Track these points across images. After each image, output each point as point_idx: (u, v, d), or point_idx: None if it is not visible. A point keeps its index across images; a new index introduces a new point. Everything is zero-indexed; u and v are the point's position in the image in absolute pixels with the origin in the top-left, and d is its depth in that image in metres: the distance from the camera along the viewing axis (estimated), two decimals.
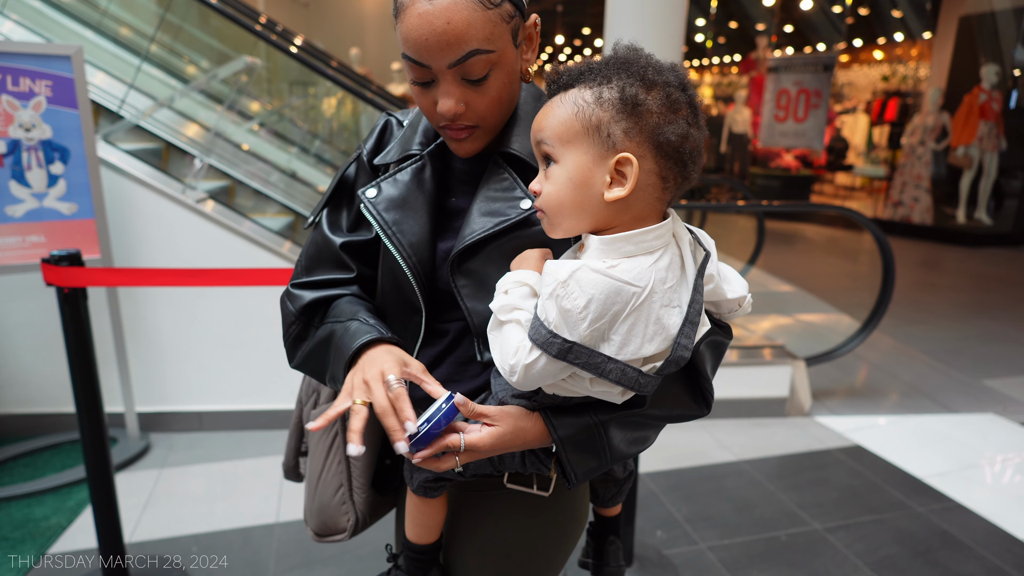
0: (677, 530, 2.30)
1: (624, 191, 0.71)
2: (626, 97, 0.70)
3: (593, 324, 0.68)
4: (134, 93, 3.19)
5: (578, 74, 0.74)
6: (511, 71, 0.82)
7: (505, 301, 0.75)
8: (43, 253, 2.40)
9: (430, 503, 0.93)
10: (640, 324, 0.70)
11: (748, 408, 3.20)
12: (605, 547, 1.21)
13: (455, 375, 0.92)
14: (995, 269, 6.82)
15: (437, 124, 0.85)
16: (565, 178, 0.73)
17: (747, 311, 0.84)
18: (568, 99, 0.73)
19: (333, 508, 1.04)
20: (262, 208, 3.58)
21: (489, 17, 0.75)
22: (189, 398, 2.90)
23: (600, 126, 0.71)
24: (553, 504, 0.95)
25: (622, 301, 0.68)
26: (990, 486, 2.64)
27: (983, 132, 7.95)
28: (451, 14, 0.74)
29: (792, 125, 9.80)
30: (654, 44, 3.48)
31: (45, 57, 2.36)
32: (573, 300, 0.67)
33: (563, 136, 0.72)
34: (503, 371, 0.74)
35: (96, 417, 1.78)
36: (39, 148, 2.39)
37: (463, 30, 0.74)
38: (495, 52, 0.77)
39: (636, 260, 0.70)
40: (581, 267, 0.68)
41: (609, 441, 0.79)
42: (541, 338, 0.69)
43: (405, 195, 0.89)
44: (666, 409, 0.80)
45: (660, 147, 0.71)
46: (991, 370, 3.90)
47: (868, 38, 12.11)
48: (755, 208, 5.53)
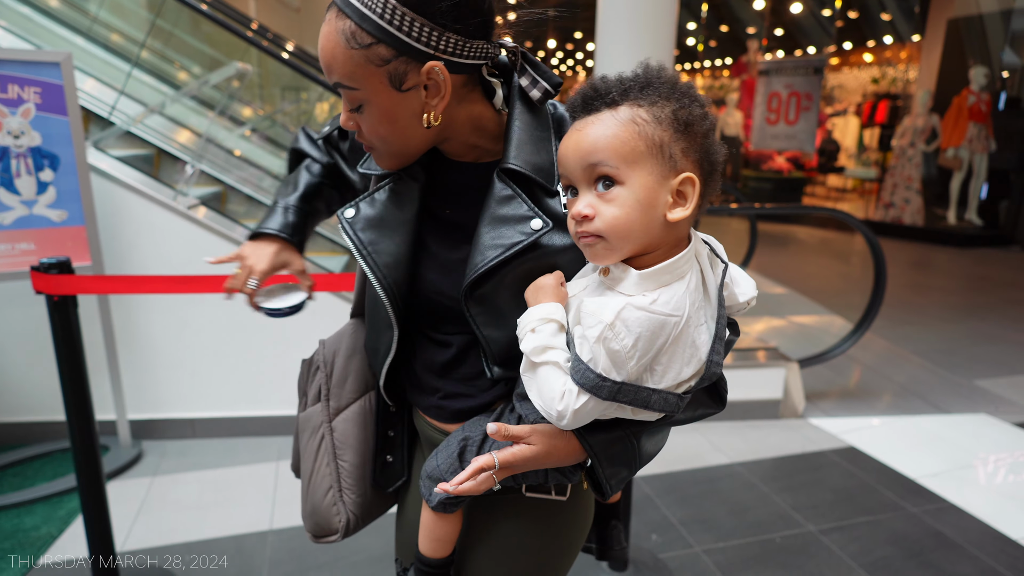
0: (672, 533, 2.29)
1: (687, 211, 0.71)
2: (680, 117, 0.71)
3: (640, 360, 0.68)
4: (125, 99, 3.17)
5: (624, 90, 0.73)
6: (387, 112, 0.79)
7: (537, 342, 0.74)
8: (33, 260, 2.38)
9: (447, 518, 0.92)
10: (679, 351, 0.71)
11: (742, 410, 3.21)
12: (608, 531, 1.23)
13: (465, 390, 0.92)
14: (986, 269, 6.87)
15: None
16: (634, 200, 0.70)
17: (752, 304, 0.85)
18: (623, 117, 0.71)
19: (324, 509, 1.05)
20: (254, 214, 3.56)
21: (351, 56, 0.76)
22: (181, 405, 2.88)
23: (663, 145, 0.70)
24: (565, 509, 0.95)
25: (665, 334, 0.69)
26: (983, 486, 2.65)
27: (972, 134, 8.02)
28: (324, 41, 0.77)
29: (783, 128, 9.86)
30: (645, 47, 3.49)
31: (34, 64, 2.35)
32: (621, 341, 0.67)
33: (627, 156, 0.70)
34: (549, 417, 0.73)
35: (87, 425, 1.76)
36: (28, 155, 2.38)
37: (328, 61, 0.78)
38: (359, 90, 0.78)
39: (672, 288, 0.70)
40: (625, 306, 0.68)
41: (640, 451, 0.81)
42: (590, 383, 0.69)
43: (383, 215, 0.89)
44: (690, 411, 0.82)
45: (708, 166, 0.73)
46: (983, 370, 3.92)
47: (858, 41, 12.21)
48: (747, 211, 5.55)
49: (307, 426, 1.08)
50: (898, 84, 11.49)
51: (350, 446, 1.05)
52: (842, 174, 12.41)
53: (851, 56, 12.73)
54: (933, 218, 8.51)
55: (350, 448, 1.05)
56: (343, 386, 1.06)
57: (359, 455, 1.05)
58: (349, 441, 1.05)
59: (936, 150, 8.37)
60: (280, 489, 2.53)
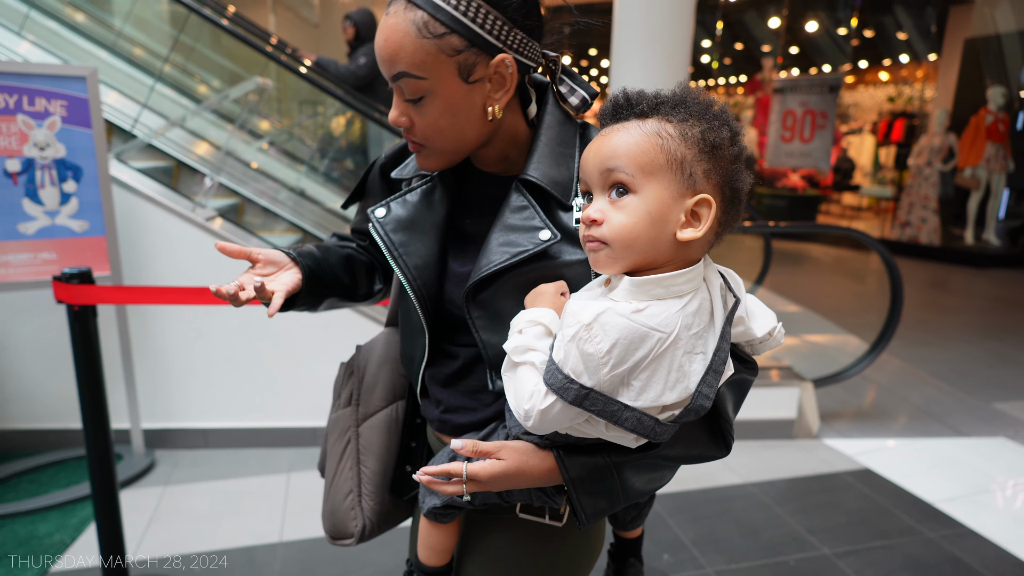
0: (684, 554, 2.27)
1: (698, 233, 0.69)
2: (707, 138, 0.70)
3: (614, 370, 0.66)
4: (147, 112, 3.24)
5: (655, 104, 0.72)
6: (452, 103, 0.79)
7: (519, 342, 0.73)
8: (55, 270, 2.43)
9: (441, 528, 0.92)
10: (662, 371, 0.67)
11: (755, 430, 3.18)
12: (626, 570, 1.20)
13: (468, 403, 0.92)
14: (1004, 290, 6.77)
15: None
16: (644, 211, 0.69)
17: (780, 341, 0.81)
18: (649, 128, 0.70)
19: (343, 512, 1.05)
20: (270, 226, 3.60)
21: (422, 45, 0.76)
22: (195, 415, 2.90)
23: (684, 163, 0.69)
24: (564, 534, 0.94)
25: (646, 347, 0.66)
26: (1001, 511, 2.60)
27: (990, 153, 7.95)
28: (389, 32, 0.77)
29: (798, 145, 9.82)
30: (660, 64, 3.51)
31: (61, 78, 2.41)
32: (596, 344, 0.65)
33: (645, 167, 0.69)
34: (518, 415, 0.72)
35: (102, 434, 1.78)
36: (52, 167, 2.42)
37: (394, 51, 0.76)
38: (427, 80, 0.77)
39: (664, 304, 0.68)
40: (607, 310, 0.66)
41: (623, 483, 0.77)
42: (557, 383, 0.67)
43: (413, 216, 0.89)
44: (683, 450, 0.78)
45: (730, 193, 0.72)
46: (1001, 393, 3.85)
47: (873, 59, 12.18)
48: (762, 229, 5.52)
49: (336, 428, 1.10)
50: (914, 103, 11.44)
51: (373, 453, 1.06)
52: (857, 192, 12.34)
53: (867, 74, 12.70)
54: (950, 238, 8.42)
55: (373, 455, 1.06)
56: (372, 392, 1.08)
57: (381, 462, 1.06)
58: (373, 448, 1.06)
59: (953, 169, 8.30)
60: (291, 501, 2.53)
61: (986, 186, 8.12)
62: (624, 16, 3.54)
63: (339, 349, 1.29)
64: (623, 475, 0.76)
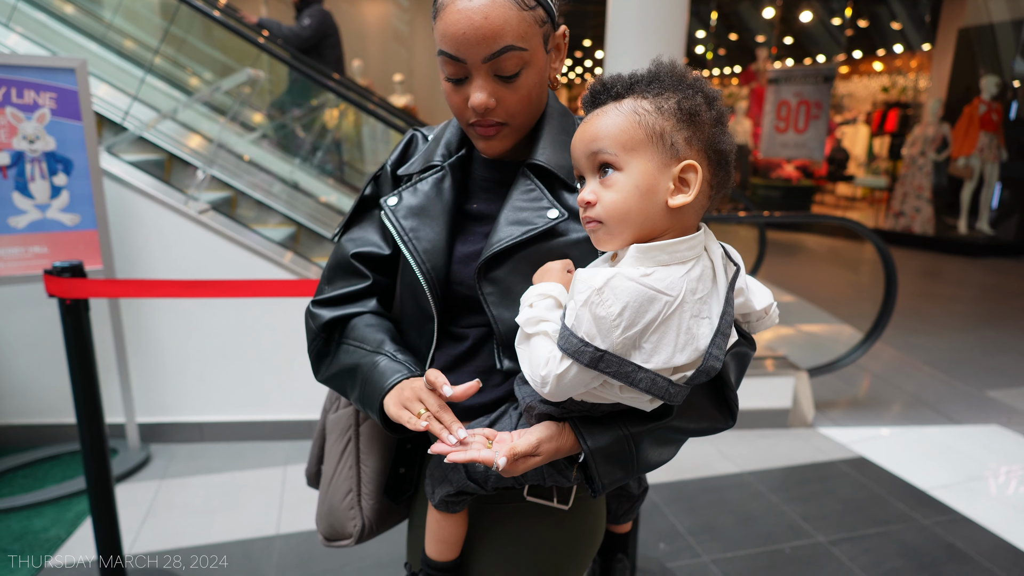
0: (680, 543, 2.28)
1: (688, 198, 0.72)
2: (684, 107, 0.73)
3: (626, 332, 0.68)
4: (138, 105, 3.21)
5: (630, 84, 0.76)
6: (541, 73, 0.85)
7: (531, 314, 0.76)
8: (46, 264, 2.41)
9: (451, 519, 0.92)
10: (671, 333, 0.70)
11: (751, 419, 3.19)
12: (612, 564, 1.21)
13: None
14: (997, 279, 6.81)
15: (467, 121, 0.87)
16: (632, 186, 0.73)
17: (774, 321, 0.85)
18: (625, 108, 0.74)
19: (341, 512, 1.05)
20: (264, 219, 3.59)
21: (523, 17, 0.79)
22: (190, 409, 2.90)
23: (664, 134, 0.72)
24: (572, 520, 0.95)
25: (655, 310, 0.68)
26: (995, 498, 2.62)
27: (983, 143, 7.97)
28: (489, 10, 0.78)
29: (793, 136, 9.82)
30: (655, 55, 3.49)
31: (50, 70, 2.38)
32: (608, 307, 0.68)
33: (626, 144, 0.73)
34: (534, 383, 0.74)
35: (97, 428, 1.77)
36: (42, 159, 2.40)
37: (499, 26, 0.78)
38: (528, 51, 0.81)
39: (670, 269, 0.71)
40: (616, 275, 0.68)
41: (638, 452, 0.80)
42: (572, 347, 0.69)
43: (424, 203, 0.92)
44: (693, 421, 0.81)
45: (715, 155, 0.75)
46: (995, 381, 3.88)
47: (868, 50, 12.17)
48: (756, 219, 5.53)
49: (336, 428, 1.09)
50: (908, 93, 11.44)
51: (374, 452, 1.06)
52: (852, 183, 12.35)
53: (861, 65, 12.69)
54: (944, 227, 8.45)
55: (374, 454, 1.06)
56: None
57: (382, 461, 1.06)
58: (374, 447, 1.06)
59: (947, 159, 8.32)
60: (287, 494, 2.53)
61: (979, 175, 8.14)
62: (618, 6, 3.52)
63: None
64: (638, 444, 0.79)
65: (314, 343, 0.98)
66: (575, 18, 15.00)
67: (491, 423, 0.89)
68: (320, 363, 0.99)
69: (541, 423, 0.80)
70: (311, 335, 0.99)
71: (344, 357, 0.95)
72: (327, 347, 0.98)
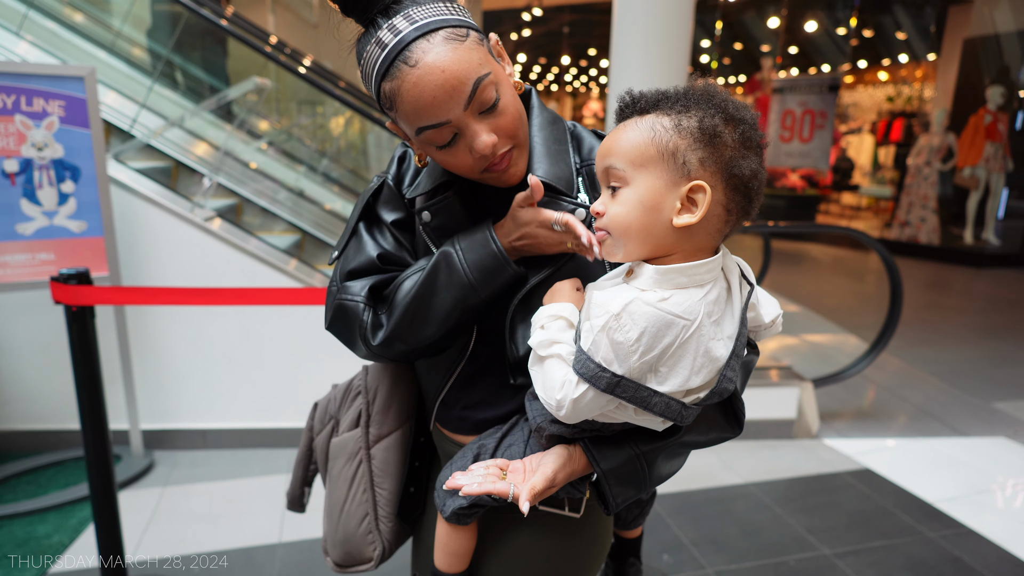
0: (684, 554, 2.26)
1: (694, 218, 0.71)
2: (705, 127, 0.71)
3: (643, 357, 0.68)
4: (145, 112, 3.23)
5: (656, 101, 0.74)
6: (509, 85, 0.84)
7: (544, 336, 0.76)
8: (52, 271, 2.42)
9: (461, 531, 0.91)
10: (687, 357, 0.70)
11: (755, 430, 3.17)
12: (626, 570, 1.21)
13: (489, 398, 0.93)
14: (1003, 290, 6.77)
15: (478, 170, 0.84)
16: (636, 200, 0.72)
17: (778, 329, 0.85)
18: (645, 124, 0.73)
19: (359, 538, 1.04)
20: (269, 226, 3.60)
21: (468, 47, 0.78)
22: (193, 416, 2.90)
23: (676, 152, 0.71)
24: (582, 528, 0.95)
25: (672, 334, 0.68)
26: (1001, 511, 2.59)
27: (989, 153, 7.95)
28: (440, 63, 0.76)
29: (797, 145, 9.82)
30: (659, 64, 3.51)
31: (59, 78, 2.40)
32: (626, 333, 0.68)
33: (636, 160, 0.72)
34: (549, 406, 0.74)
35: (101, 435, 1.77)
36: (51, 167, 2.42)
37: (457, 69, 0.76)
38: (491, 72, 0.79)
39: (688, 292, 0.70)
40: (634, 299, 0.68)
41: (650, 471, 0.80)
42: (589, 372, 0.69)
43: (447, 224, 0.90)
44: (703, 434, 0.81)
45: (732, 179, 0.72)
46: (1001, 393, 3.85)
47: (873, 59, 12.18)
48: (761, 229, 5.52)
49: (341, 453, 1.06)
50: (914, 103, 11.44)
51: (390, 474, 1.04)
52: (856, 192, 12.33)
53: (866, 74, 12.70)
54: (949, 237, 8.42)
55: (390, 476, 1.04)
56: (387, 413, 1.05)
57: (398, 483, 1.05)
58: (389, 469, 1.05)
59: (952, 169, 8.30)
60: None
61: (985, 186, 8.12)
62: (623, 15, 3.53)
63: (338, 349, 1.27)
64: (650, 463, 0.80)
65: (364, 315, 0.88)
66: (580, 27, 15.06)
67: (503, 436, 0.89)
68: (376, 330, 0.89)
69: (553, 449, 0.80)
70: (357, 310, 0.89)
71: (410, 284, 0.87)
72: (377, 316, 0.89)
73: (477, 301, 0.85)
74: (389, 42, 0.77)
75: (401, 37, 0.76)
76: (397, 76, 0.76)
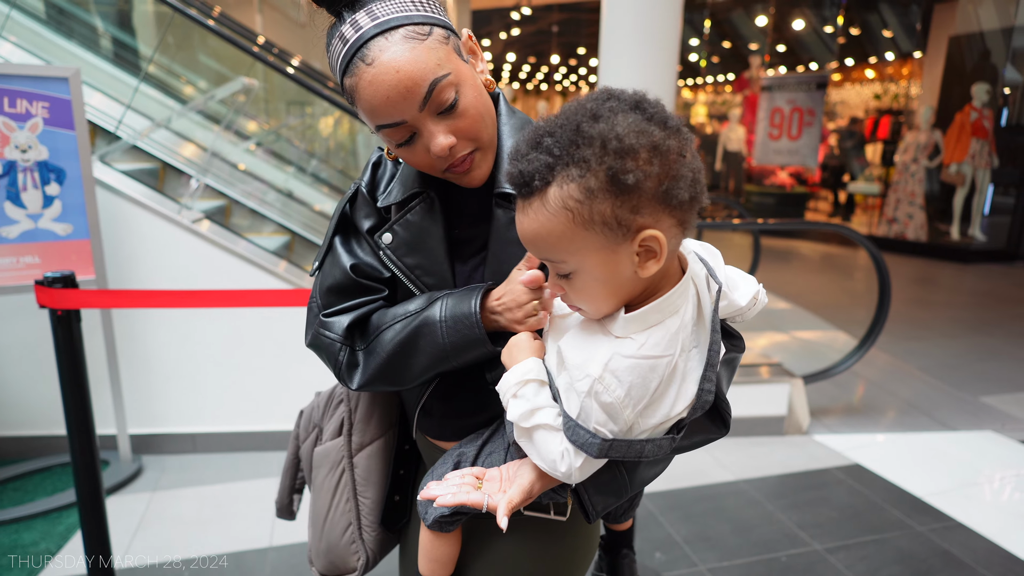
0: (676, 552, 2.27)
1: (660, 263, 0.66)
2: (617, 176, 0.61)
3: (637, 406, 0.67)
4: (131, 114, 3.20)
5: (547, 168, 0.64)
6: (474, 86, 0.81)
7: (522, 408, 0.73)
8: (37, 274, 2.39)
9: (444, 538, 0.90)
10: (673, 386, 0.69)
11: (746, 427, 3.19)
12: (619, 561, 1.20)
13: (469, 403, 0.92)
14: (989, 285, 6.84)
15: (439, 170, 0.83)
16: (592, 280, 0.67)
17: (764, 302, 0.82)
18: (553, 206, 0.64)
19: (342, 548, 1.03)
20: (258, 227, 3.57)
21: (428, 47, 0.76)
22: (182, 420, 2.88)
23: (605, 220, 0.63)
24: (567, 530, 0.94)
25: (658, 375, 0.67)
26: (990, 504, 2.62)
27: (975, 149, 8.02)
28: (396, 63, 0.74)
29: (786, 143, 9.88)
30: (648, 63, 3.51)
31: (43, 79, 2.37)
32: (613, 393, 0.66)
33: (568, 247, 0.65)
34: (556, 475, 0.72)
35: (87, 440, 1.75)
36: (35, 169, 2.39)
37: (413, 69, 0.75)
38: (451, 73, 0.77)
39: (665, 326, 0.68)
40: (612, 356, 0.66)
41: (630, 478, 0.79)
42: (580, 439, 0.68)
43: (420, 236, 0.88)
44: (687, 438, 0.79)
45: (672, 204, 0.64)
46: (989, 387, 3.89)
47: (860, 57, 12.26)
48: (751, 226, 5.55)
49: (324, 462, 1.06)
50: (900, 100, 11.52)
51: (373, 483, 1.04)
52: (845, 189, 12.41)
53: (853, 72, 12.77)
54: (936, 234, 8.49)
55: (373, 484, 1.04)
56: (369, 421, 1.04)
57: (381, 491, 1.04)
58: (372, 477, 1.04)
59: (939, 166, 8.38)
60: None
61: (971, 182, 8.19)
62: (612, 14, 3.54)
63: None
64: (631, 472, 0.79)
65: (340, 355, 0.89)
66: (569, 26, 15.08)
67: (483, 443, 0.88)
68: (352, 372, 0.89)
69: (529, 460, 0.78)
70: (333, 349, 0.89)
71: (390, 337, 0.86)
72: (354, 356, 0.89)
73: (452, 367, 0.86)
74: (350, 38, 0.76)
75: (361, 34, 0.75)
76: (355, 73, 0.76)
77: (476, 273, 0.90)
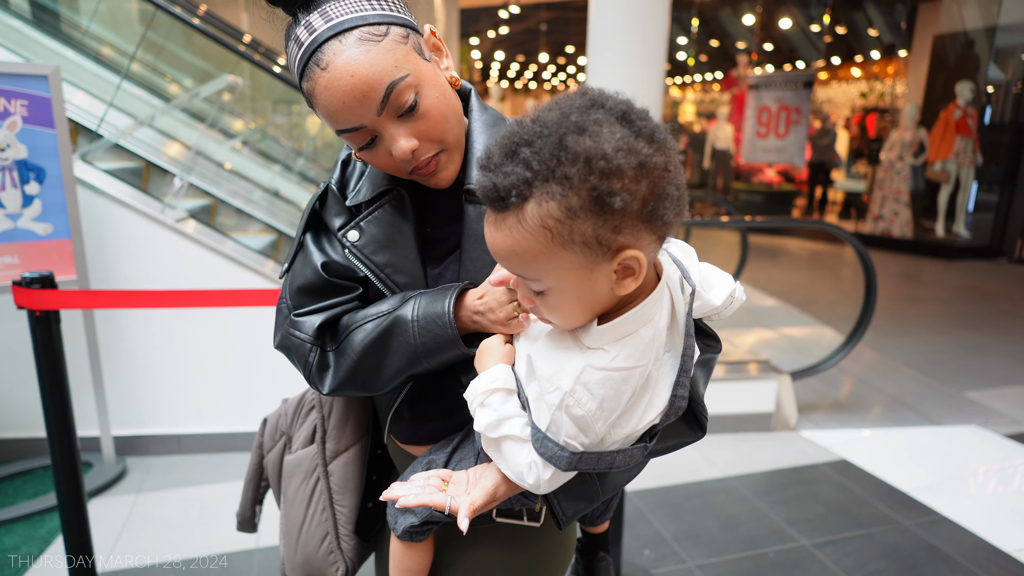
0: (665, 549, 2.27)
1: (638, 281, 0.63)
2: (601, 198, 0.58)
3: (608, 419, 0.66)
4: (114, 112, 3.16)
5: (525, 183, 0.59)
6: (436, 85, 0.79)
7: (489, 417, 0.71)
8: (16, 275, 2.35)
9: (415, 547, 0.88)
10: (645, 395, 0.68)
11: (734, 423, 3.20)
12: (596, 564, 1.19)
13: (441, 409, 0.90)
14: (974, 281, 6.91)
15: (404, 172, 0.81)
16: (567, 297, 0.64)
17: (741, 299, 0.80)
18: (531, 224, 0.60)
19: (320, 560, 1.01)
20: (244, 227, 3.54)
21: (384, 48, 0.74)
22: (167, 421, 2.84)
23: (585, 238, 0.59)
24: (542, 536, 0.93)
25: (631, 386, 0.66)
26: (974, 498, 2.64)
27: (959, 147, 8.10)
28: (350, 67, 0.72)
29: (774, 141, 9.94)
30: (636, 61, 3.51)
31: (22, 76, 2.33)
32: (584, 406, 0.64)
33: (546, 266, 0.62)
34: (525, 486, 0.71)
35: (68, 442, 1.73)
36: (14, 168, 2.35)
37: (368, 73, 0.73)
38: (410, 74, 0.75)
39: (639, 335, 0.66)
40: (584, 369, 0.64)
41: (602, 484, 0.78)
42: (548, 451, 0.67)
43: (390, 233, 0.86)
44: (662, 442, 0.77)
45: (655, 223, 0.62)
46: (973, 382, 3.93)
47: (846, 56, 12.35)
48: (738, 223, 5.57)
49: (296, 471, 1.03)
50: (886, 98, 11.62)
51: (349, 490, 1.02)
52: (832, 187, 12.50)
53: (839, 71, 12.87)
54: (922, 230, 8.57)
55: (349, 492, 1.02)
56: (344, 427, 1.02)
57: (358, 499, 1.02)
58: (349, 485, 1.02)
59: (924, 163, 8.45)
60: (267, 506, 2.48)
61: (956, 179, 8.27)
62: (600, 13, 3.53)
63: None
64: (602, 478, 0.77)
65: (311, 357, 0.86)
66: (558, 25, 15.08)
67: (453, 449, 0.86)
68: (323, 374, 0.86)
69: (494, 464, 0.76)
70: (303, 351, 0.86)
71: (360, 337, 0.83)
72: (325, 357, 0.86)
73: (425, 369, 0.83)
74: (304, 41, 0.74)
75: (314, 37, 0.73)
76: (311, 78, 0.74)
77: (449, 272, 0.88)
